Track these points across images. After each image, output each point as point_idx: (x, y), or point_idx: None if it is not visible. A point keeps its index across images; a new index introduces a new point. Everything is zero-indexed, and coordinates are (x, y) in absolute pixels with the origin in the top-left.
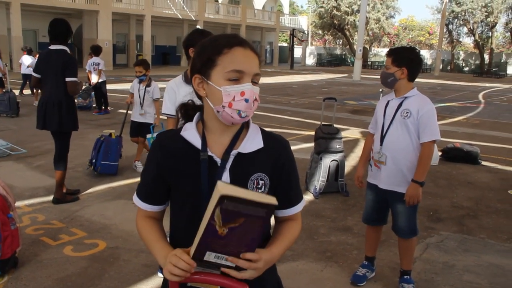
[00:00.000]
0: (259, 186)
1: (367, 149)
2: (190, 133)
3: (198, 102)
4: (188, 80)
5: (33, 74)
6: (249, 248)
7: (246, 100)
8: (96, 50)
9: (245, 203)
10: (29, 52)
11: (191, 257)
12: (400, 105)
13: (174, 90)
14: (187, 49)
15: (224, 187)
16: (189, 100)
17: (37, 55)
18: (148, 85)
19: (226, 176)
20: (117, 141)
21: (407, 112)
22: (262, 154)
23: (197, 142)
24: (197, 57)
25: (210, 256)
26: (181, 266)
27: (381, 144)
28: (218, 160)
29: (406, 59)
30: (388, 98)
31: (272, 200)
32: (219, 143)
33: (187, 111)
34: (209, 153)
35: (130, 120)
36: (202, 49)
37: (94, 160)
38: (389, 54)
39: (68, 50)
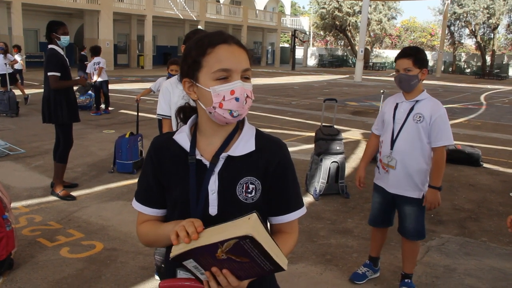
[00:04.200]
0: (249, 190)
1: (369, 150)
2: (182, 136)
3: (194, 104)
4: None
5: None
6: None
7: (237, 99)
8: (95, 50)
9: (262, 252)
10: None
11: (172, 256)
12: (412, 108)
13: (169, 91)
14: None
15: (254, 225)
16: (185, 103)
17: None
18: None
19: (214, 179)
20: (127, 140)
21: (419, 116)
22: (254, 156)
23: (187, 145)
24: (183, 61)
25: (190, 264)
26: (190, 230)
27: (391, 148)
28: (207, 164)
29: (425, 60)
30: (396, 100)
31: (284, 264)
32: (211, 145)
33: (185, 114)
34: (198, 157)
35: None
36: (188, 52)
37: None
38: (407, 55)
39: (56, 48)
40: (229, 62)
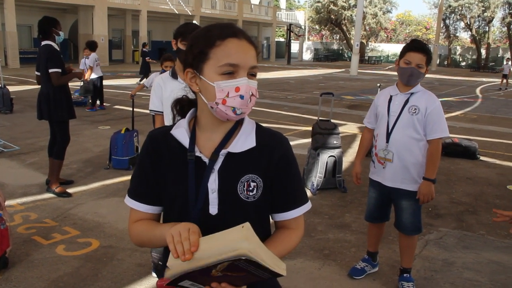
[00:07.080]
0: (251, 188)
1: (364, 144)
2: (180, 131)
3: (192, 96)
4: (175, 75)
5: (35, 72)
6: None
7: (241, 97)
8: (92, 45)
9: (258, 266)
10: None
11: (167, 277)
12: (407, 101)
13: (161, 86)
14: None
15: (248, 235)
16: (183, 95)
17: None
18: None
19: (214, 177)
20: (123, 136)
21: (415, 109)
22: (255, 153)
23: (186, 141)
24: (189, 50)
25: (186, 283)
26: (185, 246)
27: (387, 141)
28: (207, 161)
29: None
30: (390, 93)
31: (282, 271)
32: (211, 141)
33: (182, 107)
34: (197, 153)
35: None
36: (194, 41)
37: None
38: (424, 51)
39: (53, 44)
40: (238, 57)
